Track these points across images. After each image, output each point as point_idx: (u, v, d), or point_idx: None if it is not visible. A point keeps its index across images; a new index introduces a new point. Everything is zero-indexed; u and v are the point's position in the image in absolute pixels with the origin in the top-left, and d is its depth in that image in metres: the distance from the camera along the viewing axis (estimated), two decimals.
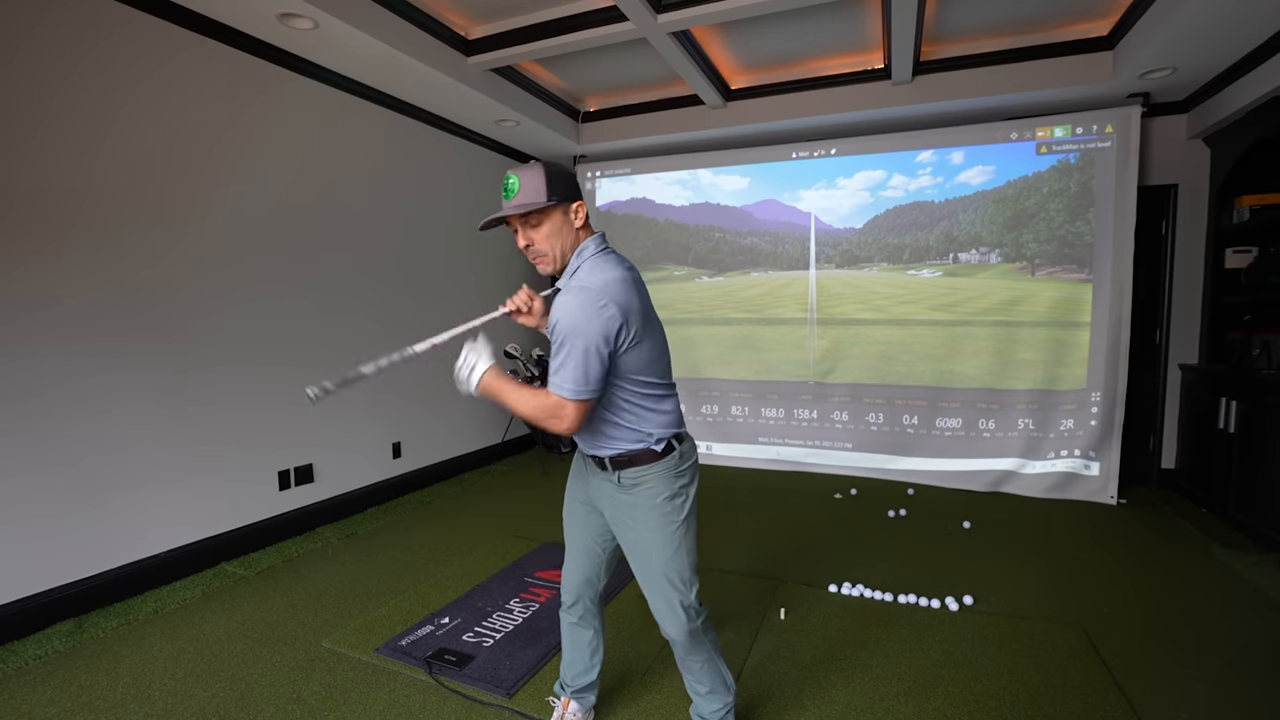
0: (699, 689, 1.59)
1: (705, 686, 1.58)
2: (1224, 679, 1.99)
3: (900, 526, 3.41)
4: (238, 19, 2.78)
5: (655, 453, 1.45)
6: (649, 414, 1.44)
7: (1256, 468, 3.12)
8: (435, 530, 3.38)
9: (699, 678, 1.57)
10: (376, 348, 3.88)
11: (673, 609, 1.47)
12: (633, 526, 1.48)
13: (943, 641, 2.22)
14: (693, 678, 1.59)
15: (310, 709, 1.86)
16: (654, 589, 1.49)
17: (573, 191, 1.41)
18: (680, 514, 1.47)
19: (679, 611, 1.47)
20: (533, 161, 1.41)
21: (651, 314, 1.45)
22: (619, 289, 1.34)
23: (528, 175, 1.36)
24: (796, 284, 4.58)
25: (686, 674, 1.60)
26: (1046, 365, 3.96)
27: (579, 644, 1.70)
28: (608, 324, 1.30)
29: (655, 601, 1.50)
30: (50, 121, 2.31)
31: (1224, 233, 3.65)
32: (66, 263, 2.36)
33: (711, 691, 1.58)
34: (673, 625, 1.48)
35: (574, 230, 1.43)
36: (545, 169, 1.37)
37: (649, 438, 1.45)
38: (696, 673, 1.57)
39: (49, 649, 2.17)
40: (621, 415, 1.43)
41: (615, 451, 1.46)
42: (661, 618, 1.50)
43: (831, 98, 4.10)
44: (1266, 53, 3.03)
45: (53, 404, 2.34)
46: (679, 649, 1.54)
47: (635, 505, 1.46)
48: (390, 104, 3.79)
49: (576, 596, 1.65)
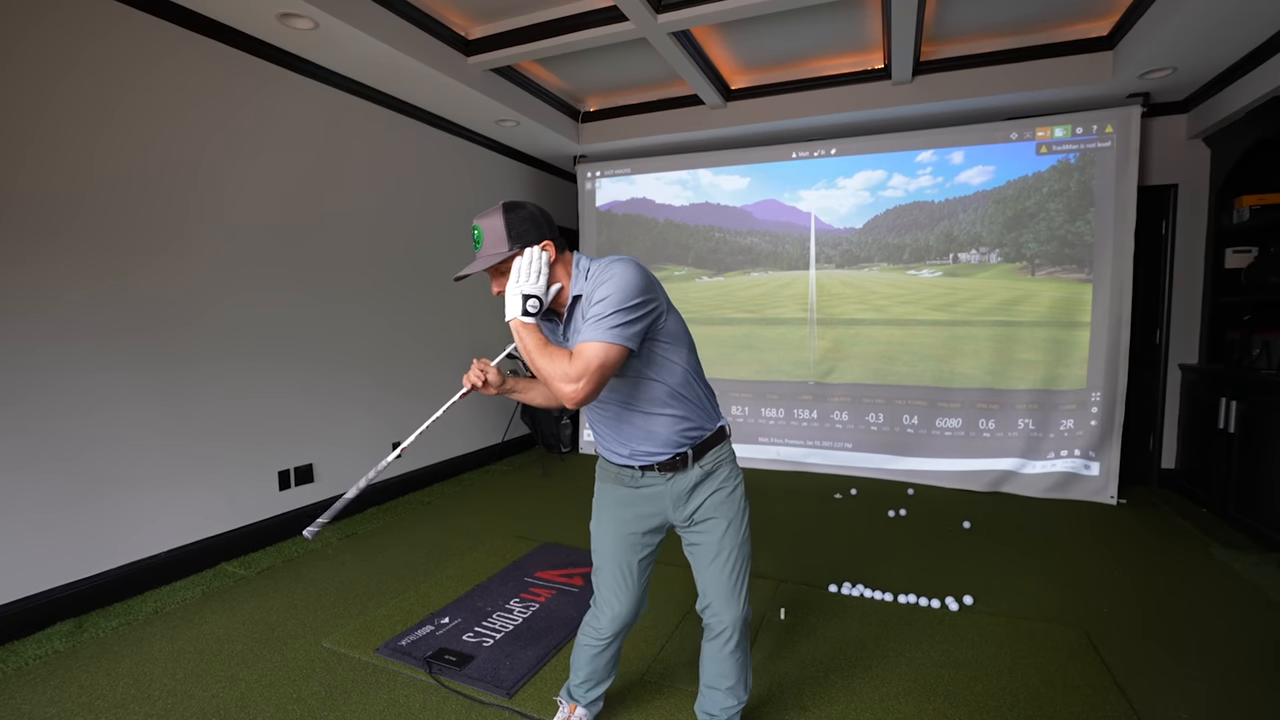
0: (724, 682, 1.55)
1: (732, 679, 1.54)
2: (1224, 679, 1.99)
3: (900, 526, 3.41)
4: (237, 19, 2.78)
5: (723, 430, 1.48)
6: (706, 393, 1.48)
7: (1256, 468, 3.12)
8: (435, 530, 3.38)
9: (729, 670, 1.53)
10: (377, 347, 3.88)
11: (741, 594, 1.48)
12: (723, 512, 1.47)
13: (943, 641, 2.22)
14: (723, 670, 1.54)
15: (310, 709, 1.86)
16: (731, 574, 1.47)
17: (536, 232, 1.35)
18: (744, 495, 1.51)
19: (744, 597, 1.49)
20: (497, 205, 1.36)
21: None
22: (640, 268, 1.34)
23: (487, 223, 1.34)
24: (796, 284, 4.58)
25: (715, 666, 1.55)
26: (1046, 365, 3.96)
27: (601, 664, 1.64)
28: (654, 286, 1.33)
29: (726, 588, 1.47)
30: (48, 120, 2.30)
31: (1224, 233, 3.65)
32: (65, 261, 2.36)
33: (735, 686, 1.55)
34: (734, 612, 1.47)
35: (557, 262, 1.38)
36: (504, 214, 1.34)
37: (716, 416, 1.48)
38: (730, 664, 1.53)
39: (49, 649, 2.17)
40: (692, 393, 1.43)
41: (695, 438, 1.44)
42: (728, 604, 1.48)
43: (831, 98, 4.10)
44: (1266, 53, 3.03)
45: (51, 403, 2.34)
46: (728, 639, 1.50)
47: (720, 490, 1.47)
48: (390, 104, 3.79)
49: (622, 627, 1.57)
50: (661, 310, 1.36)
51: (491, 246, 1.35)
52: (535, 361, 1.29)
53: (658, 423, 1.41)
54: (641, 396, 1.41)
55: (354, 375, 3.62)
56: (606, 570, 1.55)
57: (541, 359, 1.28)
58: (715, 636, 1.52)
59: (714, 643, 1.53)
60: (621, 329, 1.26)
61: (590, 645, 1.61)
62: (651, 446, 1.44)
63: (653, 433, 1.42)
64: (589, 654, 1.62)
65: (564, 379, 1.25)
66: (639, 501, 1.50)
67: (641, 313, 1.29)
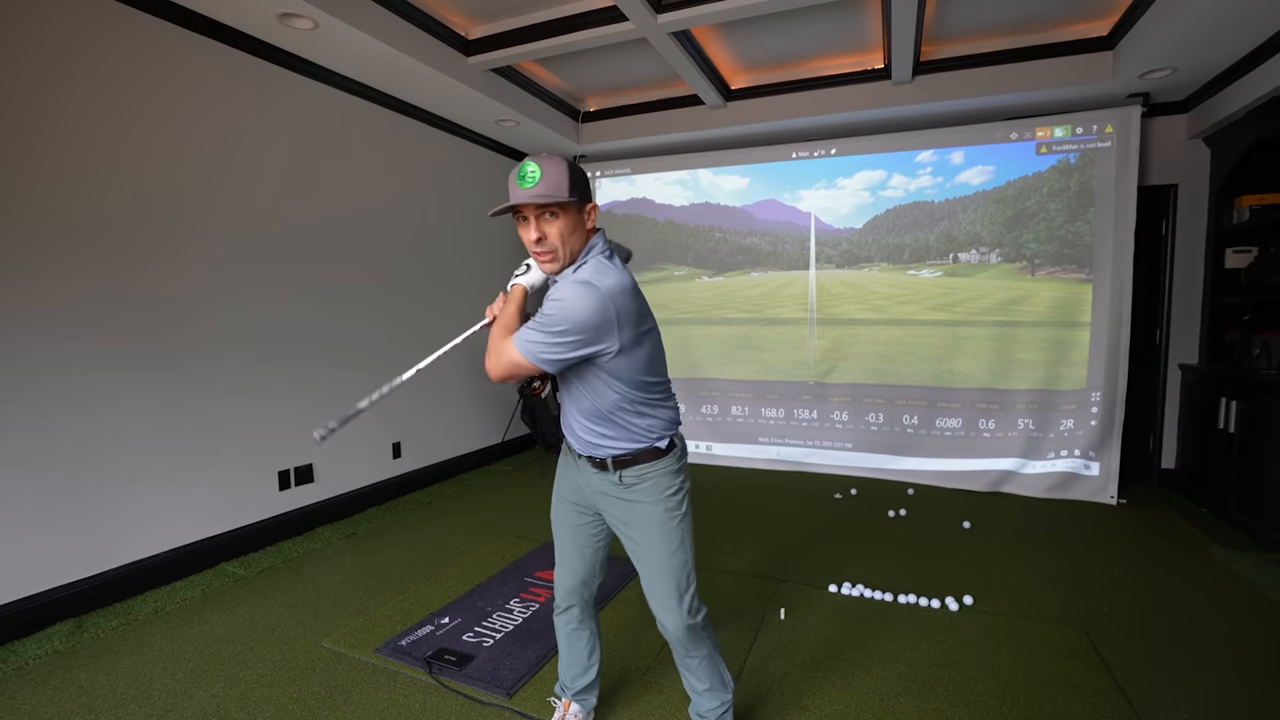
0: (698, 686, 1.59)
1: (704, 684, 1.58)
2: (1224, 679, 1.99)
3: (900, 526, 3.41)
4: (238, 19, 2.78)
5: (659, 450, 1.46)
6: (653, 414, 1.45)
7: (1256, 468, 3.11)
8: (435, 530, 3.38)
9: (698, 675, 1.57)
10: (376, 347, 3.89)
11: (675, 605, 1.47)
12: (636, 524, 1.48)
13: (943, 641, 2.22)
14: (692, 675, 1.58)
15: (310, 709, 1.86)
16: (657, 585, 1.49)
17: (589, 191, 1.40)
18: (680, 509, 1.48)
19: (680, 607, 1.47)
20: (551, 154, 1.35)
21: (650, 316, 1.44)
22: (624, 298, 1.33)
23: (550, 165, 1.30)
24: (796, 284, 4.58)
25: (685, 671, 1.59)
26: (1046, 365, 3.96)
27: (575, 647, 1.69)
28: (602, 330, 1.30)
29: (658, 598, 1.49)
30: (47, 119, 2.30)
31: (1224, 233, 3.65)
32: (63, 258, 2.36)
33: (710, 689, 1.58)
34: (673, 621, 1.48)
35: (585, 232, 1.40)
36: (568, 163, 1.33)
37: (651, 436, 1.45)
38: (695, 670, 1.56)
39: (49, 649, 2.17)
40: (624, 418, 1.43)
41: (618, 452, 1.45)
42: (662, 614, 1.49)
43: (831, 98, 4.10)
44: (1266, 53, 3.03)
45: (49, 401, 2.34)
46: (679, 646, 1.53)
47: (638, 503, 1.46)
48: (390, 104, 3.79)
49: (572, 600, 1.64)
50: (603, 349, 1.33)
51: (550, 187, 1.29)
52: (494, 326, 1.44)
53: (597, 424, 1.46)
54: (574, 394, 1.47)
55: (354, 375, 3.61)
56: (557, 542, 1.64)
57: (497, 328, 1.42)
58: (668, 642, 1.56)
59: (673, 650, 1.57)
60: (540, 347, 1.31)
61: (557, 622, 1.69)
62: (587, 441, 1.49)
63: (594, 432, 1.47)
64: (562, 635, 1.70)
65: (490, 353, 1.38)
66: (574, 473, 1.57)
67: (565, 342, 1.30)
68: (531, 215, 1.33)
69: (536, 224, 1.34)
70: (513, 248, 5.07)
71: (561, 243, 1.35)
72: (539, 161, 1.30)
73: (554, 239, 1.34)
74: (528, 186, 1.29)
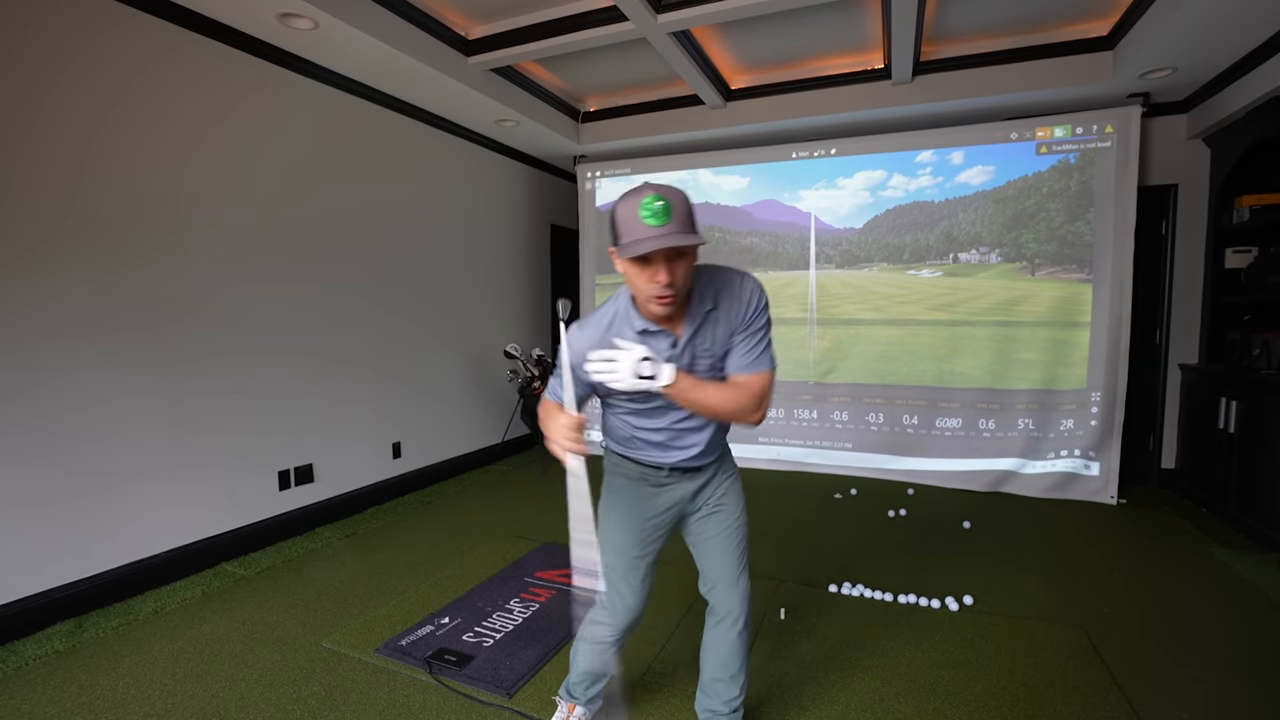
0: (728, 670, 1.55)
1: (735, 665, 1.56)
2: (1224, 679, 1.99)
3: (900, 526, 3.41)
4: (237, 19, 2.78)
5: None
6: None
7: (1256, 468, 3.11)
8: (435, 530, 3.38)
9: (736, 653, 1.55)
10: (376, 347, 3.88)
11: (746, 574, 1.54)
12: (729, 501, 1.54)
13: (943, 641, 2.22)
14: (729, 655, 1.55)
15: (310, 709, 1.86)
16: (740, 555, 1.53)
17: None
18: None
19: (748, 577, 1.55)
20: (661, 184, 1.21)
21: None
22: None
23: (675, 197, 1.16)
24: (796, 284, 4.58)
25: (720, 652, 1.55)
26: (1046, 365, 3.96)
27: (604, 659, 1.64)
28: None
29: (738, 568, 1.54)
30: (46, 117, 2.30)
31: (1224, 233, 3.65)
32: (62, 257, 2.36)
33: (738, 673, 1.56)
34: (743, 588, 1.53)
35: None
36: (686, 197, 1.20)
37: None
38: (737, 646, 1.54)
39: (49, 649, 2.17)
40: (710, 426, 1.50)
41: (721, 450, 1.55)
42: (736, 583, 1.53)
43: (831, 98, 4.10)
44: (1266, 53, 3.03)
45: (48, 399, 2.34)
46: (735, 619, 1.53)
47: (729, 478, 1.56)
48: (390, 104, 3.79)
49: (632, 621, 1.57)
50: None
51: (685, 225, 1.17)
52: (710, 406, 1.30)
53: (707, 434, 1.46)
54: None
55: (354, 374, 3.62)
56: (621, 567, 1.53)
57: (715, 401, 1.30)
58: (722, 619, 1.54)
59: (720, 626, 1.55)
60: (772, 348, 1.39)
61: (598, 643, 1.59)
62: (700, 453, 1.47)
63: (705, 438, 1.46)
64: (594, 651, 1.61)
65: (755, 401, 1.32)
66: (659, 497, 1.53)
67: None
68: (661, 259, 1.18)
69: (668, 267, 1.18)
70: (513, 247, 5.07)
71: (687, 283, 1.25)
72: (667, 195, 1.16)
73: (680, 281, 1.21)
74: (662, 224, 1.14)
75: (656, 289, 1.19)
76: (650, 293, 1.20)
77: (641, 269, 1.20)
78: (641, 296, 1.24)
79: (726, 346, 1.35)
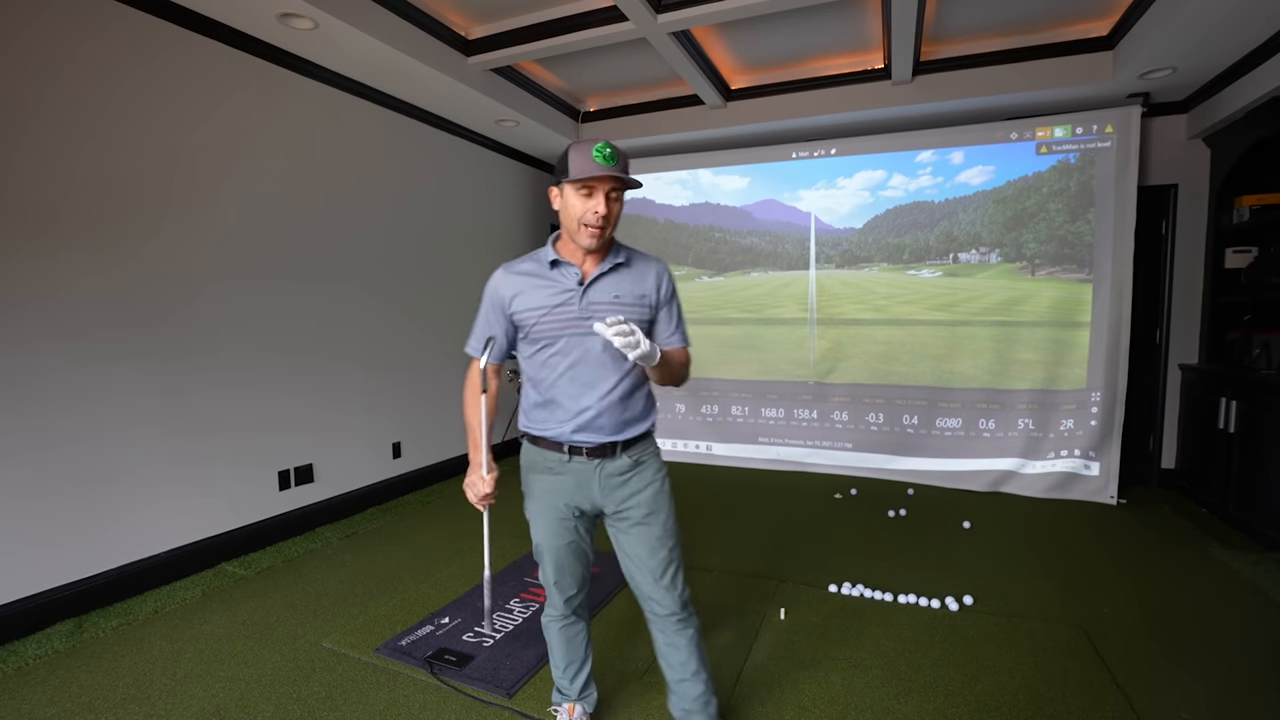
0: (687, 670, 1.55)
1: (694, 665, 1.55)
2: (1224, 679, 1.99)
3: (900, 526, 3.41)
4: (237, 18, 2.78)
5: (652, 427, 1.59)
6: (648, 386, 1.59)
7: (1256, 468, 3.12)
8: (435, 530, 3.38)
9: (692, 655, 1.54)
10: (376, 346, 3.88)
11: (678, 578, 1.52)
12: (648, 502, 1.51)
13: (943, 641, 2.22)
14: (684, 658, 1.54)
15: (310, 709, 1.86)
16: (664, 560, 1.51)
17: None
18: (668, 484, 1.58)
19: (681, 580, 1.53)
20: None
21: None
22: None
23: (623, 154, 1.39)
24: (796, 284, 4.58)
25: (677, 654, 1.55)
26: (1046, 365, 3.96)
27: (575, 643, 1.68)
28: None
29: (665, 573, 1.50)
30: (46, 117, 2.30)
31: (1224, 233, 3.65)
32: (61, 256, 2.36)
33: (699, 671, 1.55)
34: (676, 596, 1.51)
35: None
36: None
37: (655, 412, 1.59)
38: (689, 651, 1.54)
39: (49, 649, 2.17)
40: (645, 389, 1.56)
41: (645, 428, 1.54)
42: (668, 590, 1.50)
43: (831, 98, 4.10)
44: (1266, 53, 3.03)
45: (48, 398, 2.34)
46: (677, 624, 1.52)
47: (653, 484, 1.52)
48: (390, 104, 3.79)
49: (578, 603, 1.64)
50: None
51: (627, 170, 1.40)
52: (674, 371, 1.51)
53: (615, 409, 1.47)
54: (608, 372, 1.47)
55: (354, 374, 3.62)
56: (555, 550, 1.59)
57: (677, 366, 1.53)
58: (663, 620, 1.53)
59: (666, 632, 1.54)
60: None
61: (554, 621, 1.66)
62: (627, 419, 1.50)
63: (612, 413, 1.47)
64: (556, 630, 1.67)
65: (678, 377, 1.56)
66: (572, 480, 1.53)
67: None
68: (602, 191, 1.37)
69: (607, 201, 1.38)
70: (512, 248, 5.07)
71: (613, 225, 1.43)
72: (614, 145, 1.37)
73: (613, 218, 1.42)
74: (610, 164, 1.34)
75: (594, 218, 1.37)
76: (587, 219, 1.38)
77: (585, 199, 1.37)
78: (574, 226, 1.40)
79: (639, 311, 1.47)
